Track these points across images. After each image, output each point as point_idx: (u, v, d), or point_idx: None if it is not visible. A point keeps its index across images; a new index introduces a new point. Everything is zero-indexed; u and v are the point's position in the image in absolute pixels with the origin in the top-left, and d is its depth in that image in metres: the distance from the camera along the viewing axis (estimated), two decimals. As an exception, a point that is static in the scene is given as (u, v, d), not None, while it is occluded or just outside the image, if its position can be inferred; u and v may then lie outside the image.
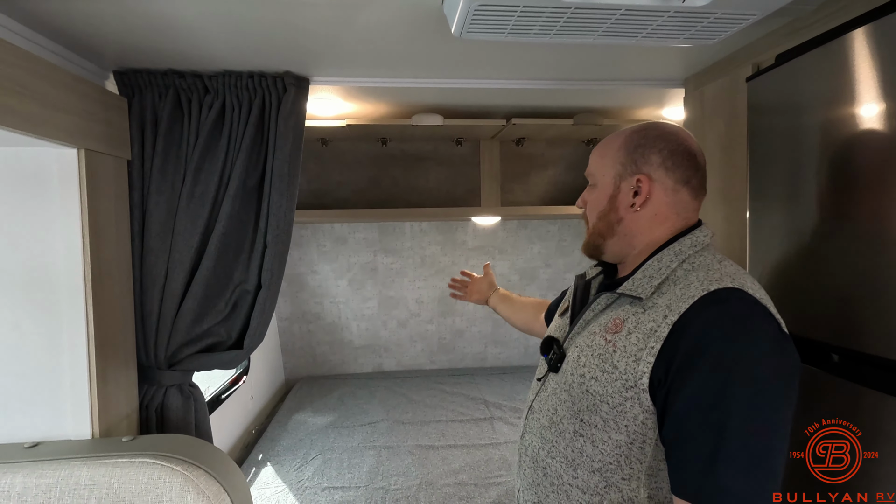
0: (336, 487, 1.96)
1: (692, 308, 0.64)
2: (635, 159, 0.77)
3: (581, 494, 0.72)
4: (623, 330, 0.70)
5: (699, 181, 0.77)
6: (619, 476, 0.69)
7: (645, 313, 0.69)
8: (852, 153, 0.80)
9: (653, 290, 0.71)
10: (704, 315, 0.64)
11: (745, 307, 0.64)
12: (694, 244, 0.74)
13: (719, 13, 0.80)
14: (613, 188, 0.79)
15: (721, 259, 0.73)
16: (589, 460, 0.71)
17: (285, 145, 1.22)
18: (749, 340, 0.61)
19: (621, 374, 0.67)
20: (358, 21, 0.96)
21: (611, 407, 0.68)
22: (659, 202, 0.76)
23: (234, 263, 1.25)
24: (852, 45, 0.79)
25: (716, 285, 0.66)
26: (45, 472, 0.91)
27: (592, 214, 0.83)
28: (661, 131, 0.78)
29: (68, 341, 1.02)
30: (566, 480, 0.74)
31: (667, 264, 0.72)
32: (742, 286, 0.66)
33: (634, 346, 0.67)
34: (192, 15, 0.93)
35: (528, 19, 0.81)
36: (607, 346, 0.71)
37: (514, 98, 1.64)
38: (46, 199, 1.01)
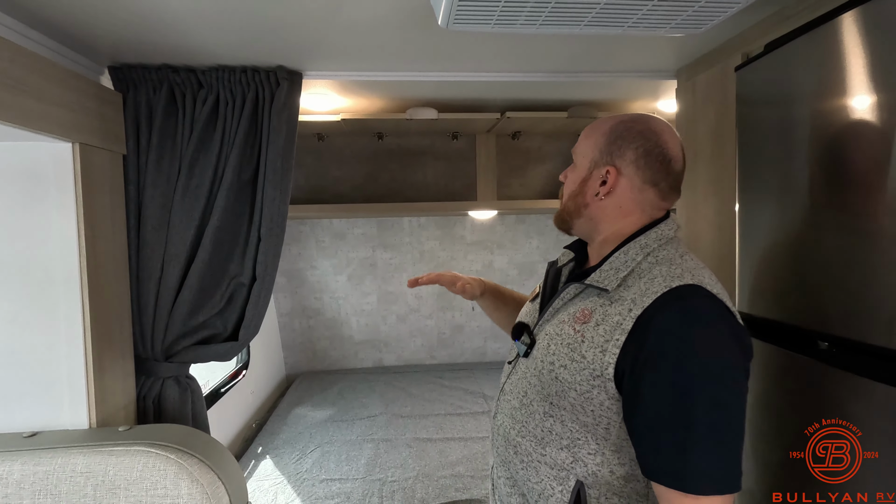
0: (334, 479, 1.98)
1: (655, 303, 0.68)
2: (612, 150, 0.79)
3: (549, 470, 0.76)
4: (591, 321, 0.73)
5: (669, 185, 0.78)
6: (586, 451, 0.74)
7: (611, 305, 0.72)
8: (840, 141, 0.80)
9: (619, 283, 0.74)
10: (666, 310, 0.67)
11: (705, 303, 0.68)
12: (659, 238, 0.76)
13: (703, 1, 0.80)
14: (587, 172, 0.81)
15: (683, 253, 0.75)
16: (558, 438, 0.76)
17: (279, 139, 1.23)
18: (709, 334, 0.66)
19: (589, 363, 0.71)
20: (345, 14, 0.97)
21: (578, 394, 0.72)
22: (623, 196, 0.78)
23: (229, 256, 1.27)
24: (839, 30, 0.79)
25: (677, 282, 0.69)
26: (42, 460, 0.93)
27: (566, 192, 0.86)
28: (644, 127, 0.78)
29: (65, 333, 1.04)
30: (535, 458, 0.78)
31: (632, 257, 0.75)
32: (701, 282, 0.69)
33: (601, 337, 0.71)
34: (184, 10, 0.94)
35: (512, 10, 0.81)
36: (576, 335, 0.74)
37: (508, 91, 1.65)
38: (42, 194, 1.03)
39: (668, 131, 0.79)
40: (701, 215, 1.28)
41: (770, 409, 0.98)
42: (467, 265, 3.27)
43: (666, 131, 0.79)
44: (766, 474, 0.98)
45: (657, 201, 0.79)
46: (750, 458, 1.03)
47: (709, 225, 1.24)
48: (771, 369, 0.97)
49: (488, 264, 3.30)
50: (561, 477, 0.75)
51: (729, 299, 0.70)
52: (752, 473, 1.02)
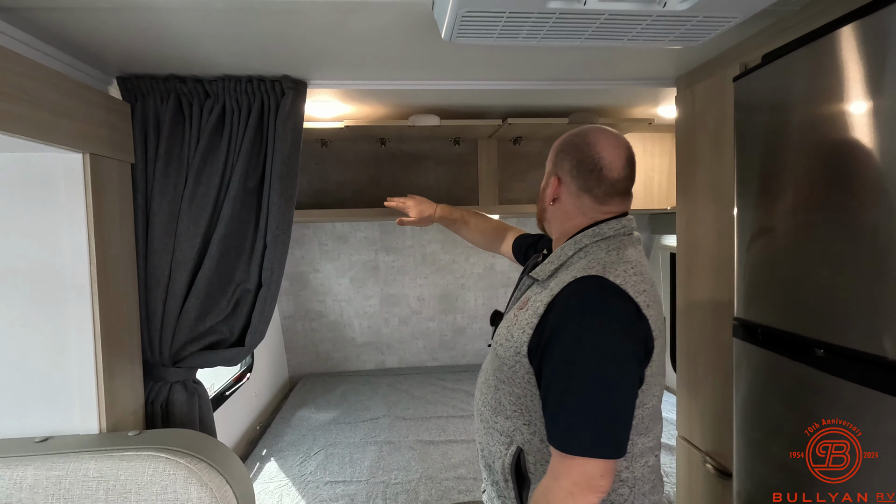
0: (338, 481, 2.00)
1: (562, 290, 0.79)
2: (556, 161, 0.90)
3: (500, 436, 0.88)
4: (526, 307, 0.85)
5: (604, 191, 0.86)
6: (521, 422, 0.85)
7: (541, 293, 0.84)
8: (837, 151, 0.81)
9: (549, 275, 0.86)
10: (566, 296, 0.78)
11: (599, 289, 0.77)
12: (594, 235, 0.85)
13: (701, 16, 0.82)
14: (545, 182, 0.93)
15: (612, 249, 0.84)
16: (503, 408, 0.88)
17: (284, 147, 1.25)
18: (595, 315, 0.75)
19: (514, 342, 0.83)
20: (351, 26, 0.99)
21: (509, 367, 0.85)
22: (566, 202, 0.89)
23: (236, 263, 1.29)
24: (838, 43, 0.80)
25: (584, 272, 0.79)
26: (55, 464, 0.96)
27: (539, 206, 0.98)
28: (581, 140, 0.88)
29: (76, 339, 1.06)
30: (491, 424, 0.90)
31: (566, 252, 0.86)
32: (606, 273, 0.78)
33: (525, 321, 0.83)
34: (192, 23, 0.96)
35: (514, 24, 0.83)
36: (514, 319, 0.87)
37: (510, 98, 1.66)
38: (53, 202, 1.05)
39: (606, 142, 0.87)
40: (700, 220, 1.29)
41: (769, 412, 0.99)
42: (469, 268, 3.29)
43: (602, 142, 0.86)
44: (766, 474, 0.99)
45: (595, 206, 0.87)
46: (750, 459, 1.04)
47: (708, 230, 1.26)
48: (768, 375, 0.99)
49: (490, 267, 3.31)
50: (506, 442, 0.87)
51: (642, 291, 0.78)
52: (752, 473, 1.04)
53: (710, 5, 0.78)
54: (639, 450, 0.82)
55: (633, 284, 0.78)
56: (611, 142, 0.87)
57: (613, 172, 0.86)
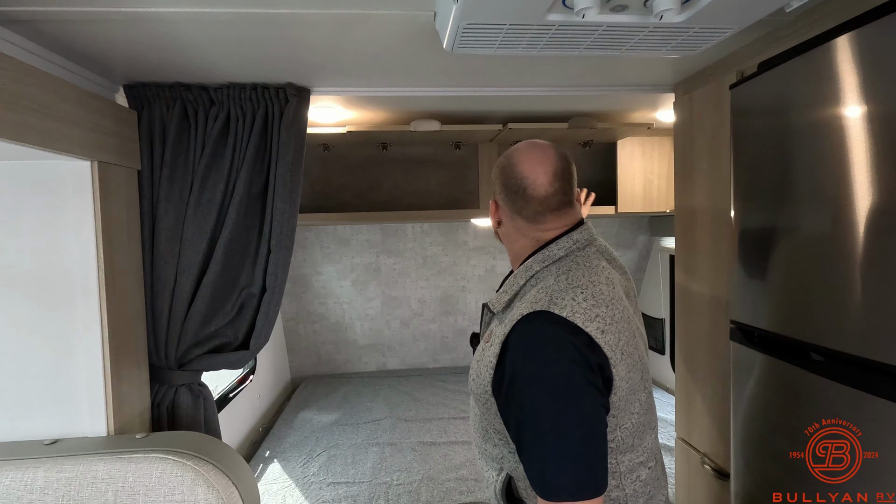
0: (340, 483, 2.01)
1: (513, 329, 0.76)
2: (494, 186, 0.89)
3: (490, 461, 0.88)
4: (489, 341, 0.82)
5: (534, 211, 0.82)
6: (507, 450, 0.83)
7: (499, 326, 0.81)
8: (832, 157, 0.83)
9: (504, 307, 0.82)
10: (516, 336, 0.75)
11: (544, 326, 0.74)
12: (543, 259, 0.82)
13: (697, 27, 0.84)
14: (492, 205, 0.91)
15: (561, 273, 0.79)
16: (490, 437, 0.86)
17: (287, 153, 1.27)
18: (544, 355, 0.72)
19: (482, 380, 0.80)
20: (355, 36, 1.01)
21: (481, 404, 0.83)
22: (507, 226, 0.88)
23: (240, 267, 1.31)
24: (833, 53, 0.82)
25: (530, 308, 0.75)
26: (64, 467, 0.97)
27: None
28: (506, 161, 0.85)
29: (84, 343, 1.08)
30: (483, 449, 0.90)
31: (518, 281, 0.83)
32: (551, 307, 0.74)
33: (488, 358, 0.80)
34: (198, 34, 0.98)
35: (515, 36, 0.85)
36: (480, 353, 0.84)
37: (510, 104, 1.68)
38: (62, 209, 1.07)
39: (529, 159, 0.82)
40: (698, 224, 1.31)
41: (766, 415, 1.01)
42: (469, 270, 3.31)
43: (524, 160, 0.82)
44: (763, 475, 1.01)
45: (531, 227, 0.84)
46: (748, 460, 1.06)
47: (705, 235, 1.28)
48: (765, 378, 1.01)
49: (490, 269, 3.33)
50: (496, 468, 0.86)
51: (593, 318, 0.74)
52: (750, 474, 1.05)
53: (705, 17, 0.80)
54: (626, 467, 0.79)
55: (583, 312, 0.74)
56: (534, 158, 0.82)
57: (539, 190, 0.81)
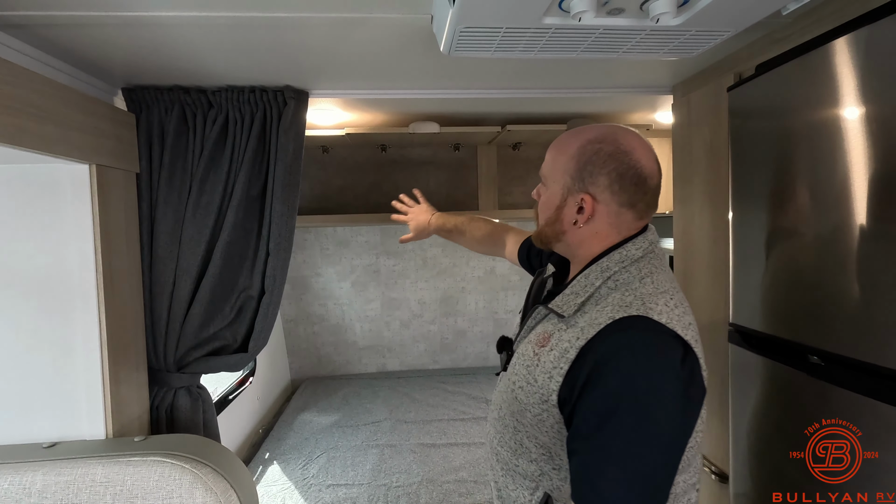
0: (340, 485, 2.01)
1: (598, 335, 0.67)
2: (583, 176, 0.75)
3: (522, 480, 0.80)
4: (548, 345, 0.74)
5: (646, 204, 0.76)
6: (550, 467, 0.76)
7: (566, 331, 0.72)
8: (830, 158, 0.83)
9: (576, 309, 0.73)
10: (606, 343, 0.67)
11: (644, 336, 0.66)
12: (622, 259, 0.74)
13: (694, 30, 0.84)
14: (560, 199, 0.78)
15: (645, 276, 0.73)
16: (527, 451, 0.78)
17: (286, 156, 1.27)
18: (641, 369, 0.64)
19: (539, 387, 0.73)
20: (353, 39, 1.01)
21: (533, 415, 0.75)
22: (601, 222, 0.76)
23: (239, 270, 1.31)
24: (830, 55, 0.82)
25: (622, 312, 0.68)
26: (63, 470, 0.97)
27: (542, 217, 0.83)
28: (614, 149, 0.74)
29: (83, 346, 1.08)
30: (511, 466, 0.81)
31: (592, 281, 0.74)
32: (649, 312, 0.67)
33: (550, 363, 0.72)
34: (197, 37, 0.98)
35: (511, 39, 0.85)
36: (534, 358, 0.76)
37: (509, 106, 1.68)
38: (60, 212, 1.07)
39: (640, 146, 0.76)
40: (696, 226, 1.31)
41: (765, 418, 1.01)
42: (469, 271, 3.31)
43: (637, 147, 0.75)
44: (763, 478, 1.01)
45: (634, 221, 0.77)
46: (747, 463, 1.06)
47: (704, 237, 1.28)
48: (763, 381, 1.01)
49: (490, 270, 3.33)
50: (531, 487, 0.78)
51: (687, 325, 0.69)
52: (749, 478, 1.05)
53: (702, 20, 0.80)
54: (681, 489, 0.73)
55: (678, 319, 0.68)
56: (643, 145, 0.76)
57: (654, 181, 0.75)
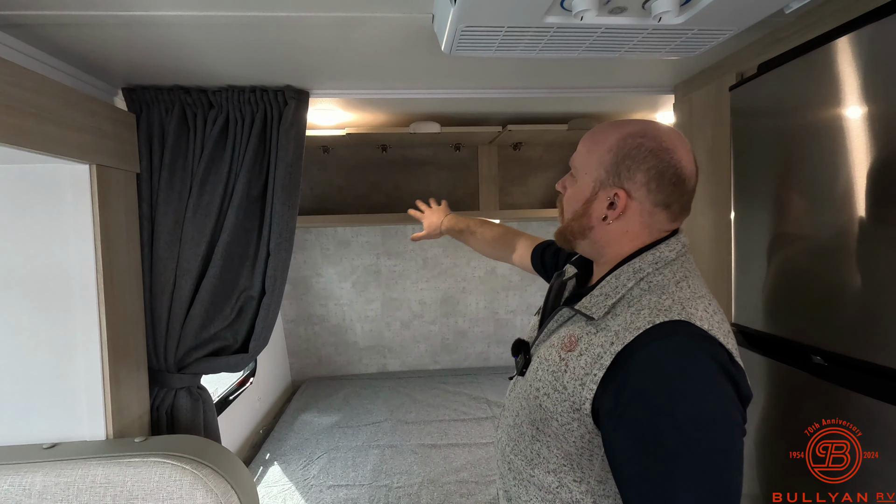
0: (341, 485, 2.01)
1: (636, 340, 0.63)
2: (620, 171, 0.71)
3: (538, 491, 0.75)
4: (576, 349, 0.70)
5: (681, 206, 0.73)
6: (571, 478, 0.72)
7: (596, 335, 0.69)
8: (832, 158, 0.83)
9: (606, 311, 0.70)
10: (647, 349, 0.63)
11: (688, 343, 0.63)
12: (655, 261, 0.71)
13: (696, 29, 0.83)
14: (591, 192, 0.74)
15: (680, 279, 0.70)
16: (545, 462, 0.74)
17: (286, 156, 1.27)
18: (691, 377, 0.61)
19: (569, 395, 0.68)
20: (354, 38, 1.01)
21: (560, 424, 0.70)
22: (632, 220, 0.73)
23: (239, 270, 1.30)
24: (833, 54, 0.82)
25: (662, 317, 0.64)
26: (63, 471, 0.97)
27: (568, 210, 0.79)
28: (655, 145, 0.70)
29: (83, 346, 1.08)
30: (525, 477, 0.77)
31: (623, 282, 0.71)
32: (690, 317, 0.64)
33: (582, 369, 0.68)
34: (198, 37, 0.98)
35: (513, 38, 0.85)
36: (560, 363, 0.72)
37: (510, 106, 1.68)
38: (61, 212, 1.07)
39: (682, 145, 0.72)
40: (698, 227, 1.31)
41: (767, 418, 1.00)
42: (470, 272, 3.30)
43: (679, 146, 0.71)
44: (766, 474, 1.00)
45: (666, 223, 0.73)
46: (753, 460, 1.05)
47: (706, 237, 1.27)
48: (766, 381, 1.00)
49: (491, 270, 3.32)
50: (548, 499, 0.74)
51: (727, 333, 0.66)
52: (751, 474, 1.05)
53: (704, 19, 0.80)
54: None
55: (718, 325, 0.64)
56: (684, 144, 0.72)
57: (692, 182, 0.72)
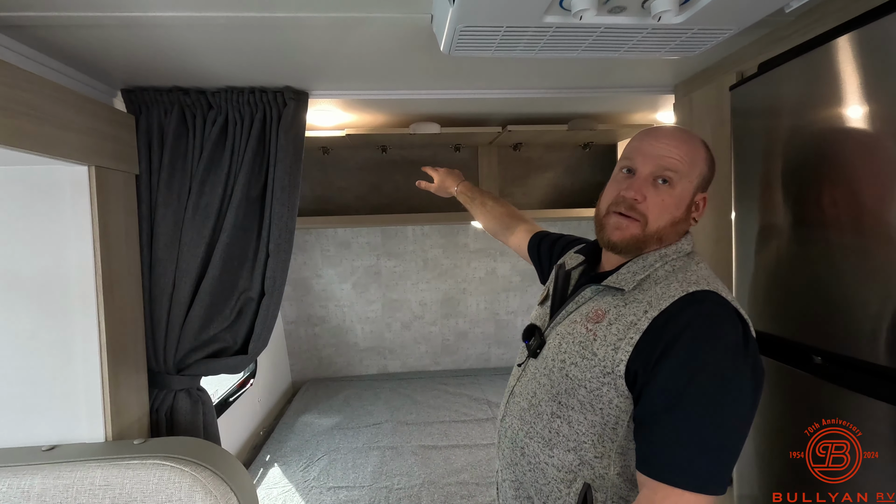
0: (341, 487, 2.00)
1: (672, 306, 0.70)
2: (709, 178, 0.81)
3: (556, 472, 0.77)
4: (604, 320, 0.75)
5: None
6: (592, 454, 0.75)
7: (626, 307, 0.74)
8: (833, 159, 0.82)
9: (635, 285, 0.76)
10: (683, 313, 0.70)
11: (720, 309, 0.70)
12: (677, 251, 0.80)
13: (696, 29, 0.83)
14: (691, 198, 0.79)
15: (699, 262, 0.79)
16: (565, 440, 0.77)
17: (286, 157, 1.26)
18: (720, 339, 0.67)
19: (600, 360, 0.73)
20: (352, 39, 1.01)
21: (588, 391, 0.74)
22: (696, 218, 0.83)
23: (239, 272, 1.30)
24: (833, 53, 0.81)
25: (694, 287, 0.72)
26: (62, 473, 0.97)
27: (662, 217, 0.77)
28: (709, 154, 0.82)
29: (82, 348, 1.07)
30: (542, 459, 0.79)
31: (651, 263, 0.78)
32: (717, 290, 0.72)
33: (614, 336, 0.73)
34: (196, 38, 0.98)
35: (512, 38, 0.84)
36: (588, 334, 0.76)
37: (510, 106, 1.68)
38: (60, 214, 1.06)
39: None
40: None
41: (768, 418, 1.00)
42: (471, 272, 3.30)
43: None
44: (766, 474, 1.00)
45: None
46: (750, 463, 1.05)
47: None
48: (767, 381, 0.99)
49: (491, 271, 3.32)
50: (568, 479, 0.76)
51: (742, 309, 0.73)
52: (752, 478, 1.04)
53: (704, 18, 0.79)
54: None
55: (737, 302, 0.73)
56: None
57: None
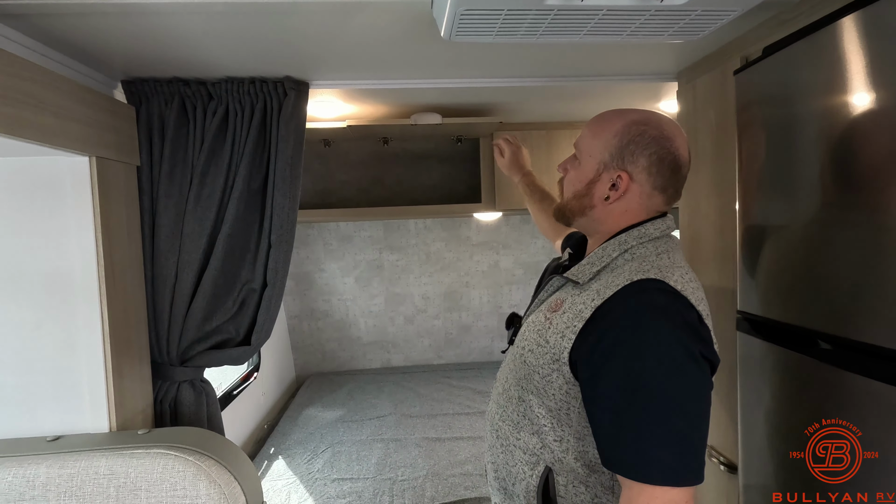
0: (345, 479, 2.01)
1: (616, 294, 0.71)
2: (624, 155, 0.78)
3: (522, 454, 0.80)
4: (560, 310, 0.77)
5: (675, 190, 0.80)
6: (552, 438, 0.77)
7: (580, 296, 0.76)
8: (840, 142, 0.81)
9: (590, 277, 0.77)
10: (625, 302, 0.70)
11: (663, 297, 0.69)
12: (640, 236, 0.78)
13: (700, 10, 0.82)
14: (594, 174, 0.80)
15: (661, 252, 0.76)
16: (529, 423, 0.79)
17: (287, 148, 1.26)
18: (663, 327, 0.67)
19: (551, 348, 0.75)
20: (352, 26, 1.00)
21: (541, 377, 0.76)
22: (632, 201, 0.79)
23: (241, 263, 1.30)
24: (838, 34, 0.80)
25: (640, 276, 0.71)
26: (66, 463, 0.97)
27: (569, 190, 0.85)
28: (658, 133, 0.77)
29: (86, 340, 1.08)
30: (512, 441, 0.82)
31: (609, 253, 0.78)
32: (665, 278, 0.71)
33: (563, 324, 0.74)
34: (196, 27, 0.97)
35: (513, 21, 0.84)
36: (545, 322, 0.78)
37: (510, 95, 1.66)
38: (61, 206, 1.06)
39: (680, 135, 0.79)
40: (702, 216, 1.29)
41: (774, 406, 0.99)
42: (473, 266, 3.30)
43: (677, 135, 0.79)
44: (769, 469, 0.99)
45: (662, 206, 0.81)
46: (755, 453, 1.04)
47: (710, 226, 1.26)
48: (773, 368, 0.99)
49: (494, 264, 3.32)
50: (532, 462, 0.78)
51: (701, 300, 0.73)
52: (757, 468, 1.04)
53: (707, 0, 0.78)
54: None
55: (692, 291, 0.71)
56: (682, 134, 0.80)
57: (686, 169, 0.80)
